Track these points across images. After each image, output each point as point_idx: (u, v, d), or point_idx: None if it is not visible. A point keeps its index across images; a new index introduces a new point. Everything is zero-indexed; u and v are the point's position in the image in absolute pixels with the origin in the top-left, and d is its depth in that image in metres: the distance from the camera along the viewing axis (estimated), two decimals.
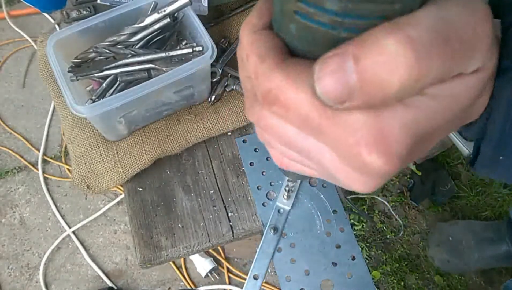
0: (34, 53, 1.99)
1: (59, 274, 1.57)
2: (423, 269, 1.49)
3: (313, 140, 0.23)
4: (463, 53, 0.20)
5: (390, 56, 0.18)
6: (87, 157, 0.84)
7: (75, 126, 0.86)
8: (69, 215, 1.66)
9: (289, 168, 0.28)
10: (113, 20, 0.80)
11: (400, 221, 1.54)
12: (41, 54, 0.94)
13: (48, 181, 1.73)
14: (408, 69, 0.18)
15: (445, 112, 0.22)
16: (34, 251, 1.62)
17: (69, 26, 0.79)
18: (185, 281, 1.50)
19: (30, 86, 1.93)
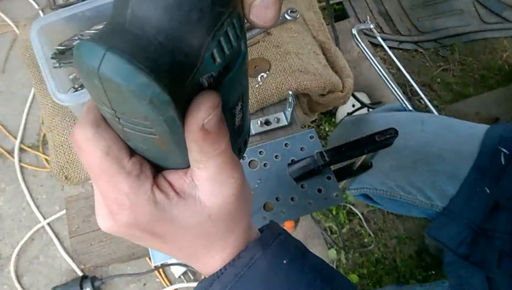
0: (15, 39, 1.94)
1: (31, 266, 1.54)
2: (399, 273, 1.50)
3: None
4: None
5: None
6: (67, 147, 0.82)
7: (55, 114, 0.84)
8: (44, 206, 1.63)
9: None
10: (101, 8, 0.79)
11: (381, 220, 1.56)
12: (24, 38, 0.92)
13: (24, 170, 1.69)
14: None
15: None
16: (7, 241, 1.58)
17: (55, 12, 0.77)
18: (160, 277, 1.48)
19: (10, 72, 1.88)
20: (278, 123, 0.82)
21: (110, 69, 0.22)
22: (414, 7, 1.90)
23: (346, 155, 0.70)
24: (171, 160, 0.31)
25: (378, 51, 1.78)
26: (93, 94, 0.25)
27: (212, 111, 0.26)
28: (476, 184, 0.78)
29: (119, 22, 0.24)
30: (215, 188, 0.31)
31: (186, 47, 0.24)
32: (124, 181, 0.29)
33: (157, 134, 0.26)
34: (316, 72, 0.86)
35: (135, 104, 0.24)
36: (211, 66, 0.26)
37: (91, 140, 0.28)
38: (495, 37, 1.88)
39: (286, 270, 0.36)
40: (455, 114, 1.64)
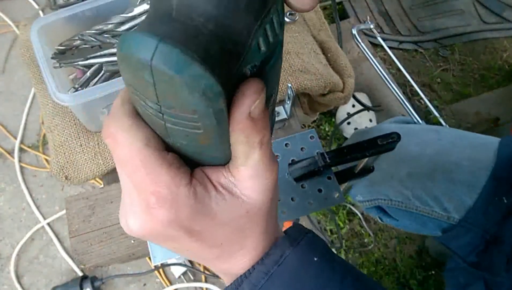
0: (15, 39, 1.94)
1: (31, 266, 1.54)
2: (399, 273, 1.50)
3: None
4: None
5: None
6: (67, 147, 0.82)
7: (55, 114, 0.84)
8: (44, 206, 1.62)
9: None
10: (101, 8, 0.79)
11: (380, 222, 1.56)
12: (24, 38, 0.92)
13: (24, 170, 1.69)
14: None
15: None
16: (7, 241, 1.58)
17: (55, 12, 0.77)
18: (160, 277, 1.48)
19: (10, 72, 1.88)
20: (278, 117, 0.82)
21: (164, 60, 0.21)
22: (414, 7, 1.89)
23: (347, 157, 0.70)
24: (208, 156, 0.30)
25: (378, 51, 1.78)
26: (138, 89, 0.24)
27: (258, 96, 0.26)
28: (494, 194, 0.78)
29: (165, 10, 0.23)
30: (255, 183, 0.30)
31: (235, 35, 0.23)
32: (165, 173, 0.28)
33: (202, 128, 0.26)
34: (316, 72, 0.86)
35: (185, 97, 0.23)
36: (256, 55, 0.25)
37: (129, 131, 0.27)
38: (495, 37, 1.88)
39: (317, 268, 0.35)
40: (455, 114, 1.64)
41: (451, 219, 0.82)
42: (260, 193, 0.31)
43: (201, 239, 0.31)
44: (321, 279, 0.35)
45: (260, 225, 0.33)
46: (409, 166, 0.86)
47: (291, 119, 0.85)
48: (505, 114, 1.60)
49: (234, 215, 0.31)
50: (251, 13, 0.23)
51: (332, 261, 0.37)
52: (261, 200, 0.31)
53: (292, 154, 0.77)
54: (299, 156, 0.77)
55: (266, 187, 0.31)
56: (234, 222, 0.31)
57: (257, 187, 0.30)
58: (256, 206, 0.31)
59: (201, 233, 0.31)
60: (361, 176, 0.83)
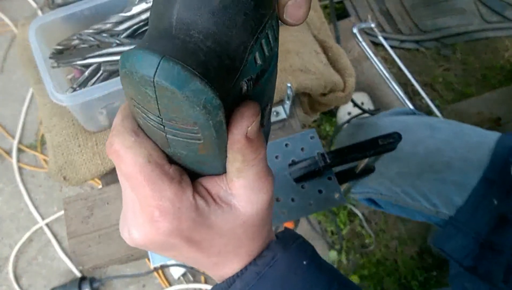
0: (13, 38, 1.93)
1: (30, 267, 1.53)
2: (400, 275, 1.50)
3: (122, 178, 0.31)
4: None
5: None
6: (65, 147, 0.81)
7: (54, 114, 0.83)
8: (42, 207, 1.62)
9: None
10: (99, 8, 0.78)
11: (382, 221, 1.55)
12: (22, 38, 0.91)
13: (22, 171, 1.68)
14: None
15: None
16: (6, 242, 1.57)
17: (53, 11, 0.77)
18: (160, 279, 1.47)
19: (8, 72, 1.87)
20: (277, 117, 0.82)
21: (166, 77, 0.22)
22: (415, 6, 1.89)
23: (348, 157, 0.69)
24: (208, 165, 0.31)
25: (379, 51, 1.77)
26: (140, 103, 0.26)
27: (255, 119, 0.27)
28: (484, 195, 0.77)
29: (165, 28, 0.24)
30: (251, 195, 0.32)
31: (232, 51, 0.24)
32: (168, 187, 0.29)
33: (202, 139, 0.27)
34: (316, 71, 0.85)
35: (187, 110, 0.24)
36: (252, 69, 0.26)
37: (132, 148, 0.29)
38: (497, 36, 1.87)
39: (306, 271, 0.37)
40: (456, 114, 1.64)
41: (440, 214, 0.82)
42: (256, 204, 0.32)
43: (200, 249, 0.33)
44: (309, 281, 0.37)
45: (255, 234, 0.35)
46: (399, 165, 0.86)
47: (291, 119, 0.84)
48: (507, 114, 1.59)
49: (232, 225, 0.33)
50: (248, 30, 0.24)
51: (320, 266, 0.39)
52: (256, 211, 0.33)
53: (292, 154, 0.77)
54: (299, 156, 0.76)
55: (262, 199, 0.32)
56: (231, 232, 0.33)
57: (253, 199, 0.32)
58: (252, 216, 0.33)
59: (201, 243, 0.32)
60: (362, 176, 0.82)
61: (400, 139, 0.68)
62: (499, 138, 0.82)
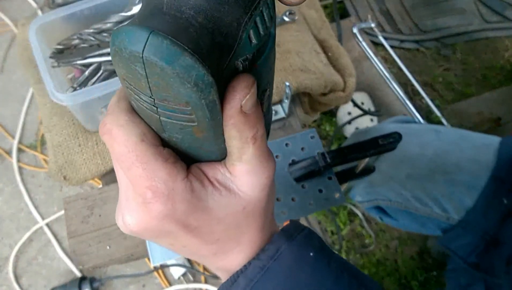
0: (13, 38, 1.93)
1: (30, 267, 1.53)
2: (400, 275, 1.50)
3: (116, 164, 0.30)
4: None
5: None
6: (65, 147, 0.81)
7: (54, 114, 0.83)
8: (43, 207, 1.62)
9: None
10: (100, 7, 0.78)
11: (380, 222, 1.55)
12: (22, 38, 0.91)
13: (22, 171, 1.68)
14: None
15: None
16: (6, 242, 1.57)
17: (54, 11, 0.77)
18: (160, 278, 1.47)
19: (8, 72, 1.87)
20: (276, 115, 0.82)
21: (154, 52, 0.22)
22: (415, 6, 1.89)
23: (348, 157, 0.69)
24: (204, 150, 0.30)
25: (379, 51, 1.77)
26: (131, 82, 0.25)
27: (248, 91, 0.26)
28: (494, 195, 0.77)
29: (156, 5, 0.23)
30: (251, 180, 0.30)
31: (225, 28, 0.24)
32: (161, 167, 0.28)
33: (196, 121, 0.26)
34: (317, 71, 0.85)
35: (178, 88, 0.23)
36: (247, 48, 0.25)
37: (125, 127, 0.28)
38: (497, 36, 1.87)
39: (313, 263, 0.35)
40: (456, 114, 1.64)
41: (451, 220, 0.82)
42: (256, 189, 0.31)
43: (197, 235, 0.31)
44: (316, 274, 0.35)
45: (256, 221, 0.33)
46: (408, 167, 0.85)
47: (292, 119, 0.84)
48: (507, 114, 1.59)
49: (231, 211, 0.31)
50: (241, 6, 0.24)
51: (328, 257, 0.37)
52: (257, 196, 0.31)
53: (293, 153, 0.77)
54: (299, 156, 0.76)
55: (263, 183, 0.31)
56: (231, 218, 0.31)
57: (253, 183, 0.31)
58: (252, 202, 0.32)
59: (198, 228, 0.31)
60: (362, 176, 0.82)
61: (400, 139, 0.68)
62: (503, 139, 0.82)
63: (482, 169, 0.80)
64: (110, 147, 0.29)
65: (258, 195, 0.31)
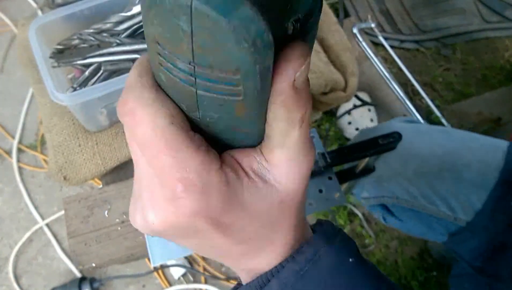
0: (13, 38, 1.93)
1: (30, 267, 1.53)
2: (400, 275, 1.50)
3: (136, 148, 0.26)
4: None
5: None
6: (65, 147, 0.81)
7: (54, 114, 0.83)
8: (43, 207, 1.61)
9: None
10: (100, 7, 0.78)
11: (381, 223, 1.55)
12: (22, 38, 0.91)
13: (22, 171, 1.68)
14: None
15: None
16: (6, 242, 1.57)
17: (54, 11, 0.77)
18: (160, 279, 1.47)
19: (8, 72, 1.87)
20: None
21: (207, 0, 0.18)
22: (415, 6, 1.89)
23: (348, 157, 0.69)
24: (242, 132, 0.26)
25: (379, 51, 1.77)
26: (167, 45, 0.21)
27: (304, 62, 0.22)
28: (502, 198, 0.77)
29: None
30: (291, 169, 0.27)
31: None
32: (194, 156, 0.24)
33: (243, 94, 0.22)
34: (317, 70, 0.85)
35: (231, 49, 0.19)
36: (302, 5, 0.22)
37: (152, 106, 0.24)
38: (497, 36, 1.87)
39: (352, 270, 0.31)
40: (456, 114, 1.63)
41: (458, 220, 0.81)
42: (296, 180, 0.27)
43: (229, 234, 0.27)
44: (357, 282, 0.31)
45: (292, 218, 0.30)
46: (417, 164, 0.85)
47: None
48: (507, 114, 1.59)
49: (267, 205, 0.27)
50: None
51: (366, 265, 0.33)
52: (296, 189, 0.28)
53: None
54: None
55: (302, 174, 0.27)
56: (266, 214, 0.28)
57: (293, 173, 0.27)
58: (290, 195, 0.28)
59: (230, 226, 0.27)
60: (362, 175, 0.82)
61: (400, 139, 0.68)
62: (511, 143, 0.82)
63: (491, 170, 0.79)
64: (131, 130, 0.25)
65: (297, 187, 0.28)
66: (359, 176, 0.81)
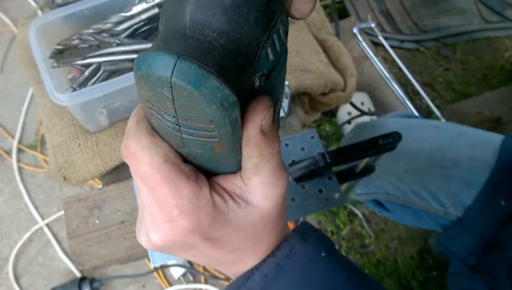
0: (13, 38, 1.93)
1: (30, 267, 1.53)
2: (400, 275, 1.49)
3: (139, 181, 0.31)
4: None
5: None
6: (65, 147, 0.81)
7: (54, 114, 0.83)
8: (43, 207, 1.61)
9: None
10: (99, 8, 0.78)
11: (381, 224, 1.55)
12: (22, 38, 0.91)
13: (22, 171, 1.68)
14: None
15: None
16: (6, 242, 1.57)
17: (54, 11, 0.77)
18: (160, 279, 1.47)
19: (8, 72, 1.87)
20: None
21: (182, 77, 0.22)
22: (415, 6, 1.89)
23: (348, 157, 0.69)
24: (223, 163, 0.31)
25: (379, 51, 1.77)
26: (155, 104, 0.26)
27: (268, 111, 0.27)
28: (492, 196, 0.77)
29: (178, 29, 0.24)
30: (267, 191, 0.32)
31: (246, 48, 0.25)
32: (185, 185, 0.29)
33: (218, 137, 0.27)
34: (317, 71, 0.85)
35: (203, 109, 0.24)
36: (265, 64, 0.27)
37: (148, 149, 0.29)
38: (497, 36, 1.87)
39: (325, 263, 0.37)
40: (456, 114, 1.64)
41: (448, 215, 0.82)
42: (272, 199, 0.33)
43: (219, 246, 0.33)
44: (329, 273, 0.37)
45: (272, 228, 0.35)
46: (406, 161, 0.86)
47: (291, 118, 0.84)
48: (507, 114, 1.59)
49: (249, 221, 0.33)
50: (260, 26, 0.25)
51: (339, 258, 0.39)
52: (273, 206, 0.33)
53: (293, 154, 0.77)
54: (299, 156, 0.76)
55: (277, 193, 0.33)
56: (249, 228, 0.33)
57: (269, 194, 0.32)
58: (268, 211, 0.33)
59: (220, 240, 0.32)
60: (362, 175, 0.82)
61: (400, 139, 0.68)
62: (504, 139, 0.82)
63: (480, 166, 0.80)
64: (134, 168, 0.30)
65: (273, 204, 0.33)
66: (359, 176, 0.81)
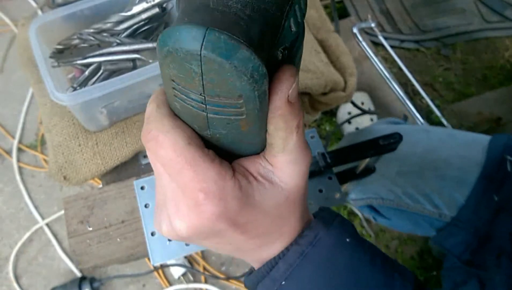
0: (13, 37, 1.92)
1: (30, 267, 1.53)
2: None
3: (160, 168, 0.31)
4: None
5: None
6: (65, 147, 0.81)
7: (54, 114, 0.83)
8: (43, 207, 1.61)
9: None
10: (100, 7, 0.78)
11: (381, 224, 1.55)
12: (22, 37, 0.91)
13: (22, 170, 1.68)
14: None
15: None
16: (6, 242, 1.57)
17: (54, 11, 0.77)
18: (160, 278, 1.47)
19: (8, 71, 1.87)
20: None
21: (213, 48, 0.22)
22: (415, 6, 1.89)
23: (349, 157, 0.69)
24: (246, 144, 0.31)
25: (379, 50, 1.77)
26: (181, 82, 0.25)
27: (294, 80, 0.27)
28: (484, 192, 0.78)
29: (202, 2, 0.24)
30: (292, 169, 0.31)
31: (270, 18, 0.24)
32: (210, 168, 0.28)
33: (245, 113, 0.26)
34: (317, 71, 0.85)
35: (233, 82, 0.24)
36: (288, 36, 0.26)
37: (171, 132, 0.28)
38: (497, 36, 1.87)
39: (350, 248, 0.36)
40: (456, 114, 1.64)
41: (443, 216, 0.83)
42: (297, 178, 0.32)
43: (245, 230, 0.32)
44: (354, 259, 0.36)
45: (297, 210, 0.34)
46: (399, 164, 0.87)
47: None
48: (507, 114, 1.59)
49: (275, 202, 0.32)
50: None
51: (362, 242, 0.38)
52: (298, 185, 0.32)
53: None
54: None
55: (302, 171, 0.32)
56: (275, 210, 0.32)
57: (294, 173, 0.31)
58: (294, 191, 0.32)
59: (246, 224, 0.31)
60: (362, 176, 0.82)
61: (401, 140, 0.68)
62: (492, 138, 0.84)
63: (471, 165, 0.81)
64: (155, 153, 0.29)
65: (298, 183, 0.32)
66: (359, 177, 0.81)
